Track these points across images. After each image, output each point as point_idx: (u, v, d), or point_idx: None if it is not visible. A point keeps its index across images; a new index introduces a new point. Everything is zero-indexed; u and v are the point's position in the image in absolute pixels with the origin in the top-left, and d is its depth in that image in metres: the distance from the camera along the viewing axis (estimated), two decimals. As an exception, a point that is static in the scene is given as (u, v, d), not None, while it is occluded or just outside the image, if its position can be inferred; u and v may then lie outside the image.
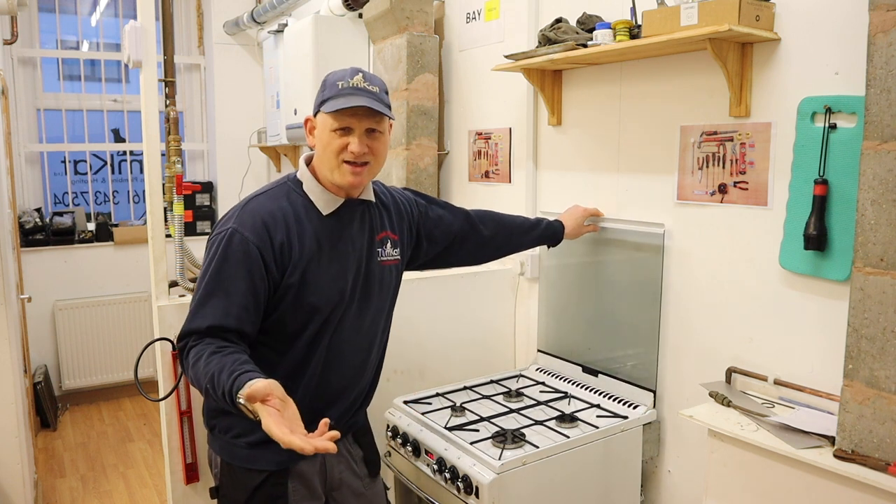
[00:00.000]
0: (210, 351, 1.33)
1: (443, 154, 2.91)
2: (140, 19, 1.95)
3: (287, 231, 1.44)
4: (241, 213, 1.46)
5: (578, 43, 1.97)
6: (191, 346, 1.38)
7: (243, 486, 1.51)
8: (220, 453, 1.56)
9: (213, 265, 1.41)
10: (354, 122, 1.43)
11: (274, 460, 1.50)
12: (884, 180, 1.28)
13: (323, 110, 1.44)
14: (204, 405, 1.62)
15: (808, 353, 1.64)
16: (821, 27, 1.56)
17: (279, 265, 1.43)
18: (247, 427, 1.48)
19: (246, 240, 1.41)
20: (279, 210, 1.46)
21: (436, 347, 2.34)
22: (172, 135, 2.37)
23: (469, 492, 1.67)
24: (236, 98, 4.57)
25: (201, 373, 1.31)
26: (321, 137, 1.47)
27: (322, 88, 1.47)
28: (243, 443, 1.51)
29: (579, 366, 2.22)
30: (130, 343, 4.30)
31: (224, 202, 4.65)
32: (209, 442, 1.61)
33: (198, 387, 1.34)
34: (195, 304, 1.41)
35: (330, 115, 1.43)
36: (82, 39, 4.56)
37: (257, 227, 1.42)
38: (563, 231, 2.05)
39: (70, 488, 3.27)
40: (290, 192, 1.51)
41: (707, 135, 1.82)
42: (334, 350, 1.53)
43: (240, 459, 1.52)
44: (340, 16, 3.21)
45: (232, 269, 1.40)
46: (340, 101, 1.42)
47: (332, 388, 1.56)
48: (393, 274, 1.66)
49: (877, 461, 1.32)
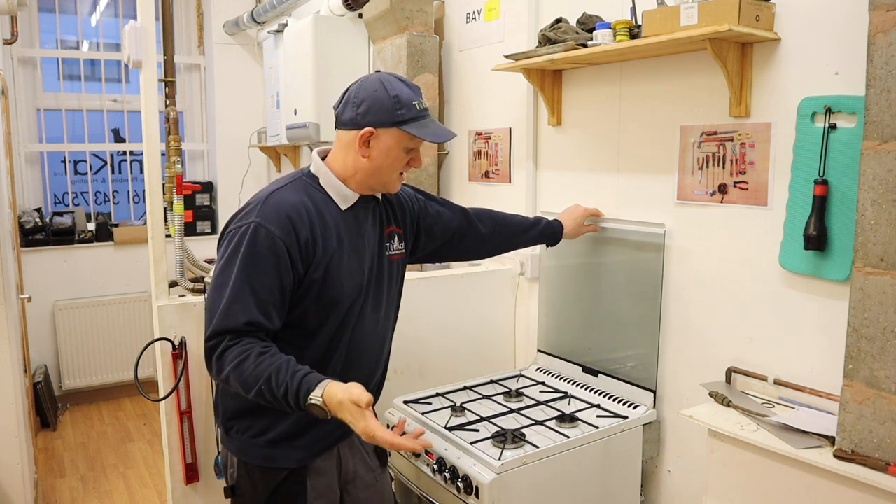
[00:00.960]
0: (257, 352, 1.34)
1: (443, 154, 2.91)
2: (140, 19, 1.96)
3: (311, 227, 1.44)
4: (264, 206, 1.43)
5: (578, 43, 1.97)
6: (228, 346, 1.35)
7: (263, 486, 1.52)
8: (238, 454, 1.55)
9: (239, 260, 1.39)
10: (420, 143, 1.51)
11: (294, 458, 1.52)
12: (884, 180, 1.28)
13: (412, 132, 1.45)
14: (220, 407, 1.59)
15: (808, 353, 1.64)
16: (821, 27, 1.56)
17: (304, 261, 1.43)
18: (265, 426, 1.50)
19: (272, 235, 1.39)
20: (302, 205, 1.45)
21: (436, 347, 2.34)
22: (172, 135, 2.37)
23: (469, 492, 1.67)
24: (236, 98, 4.57)
25: (250, 374, 1.32)
26: (388, 153, 1.47)
27: (396, 104, 1.45)
28: (262, 442, 1.51)
29: (579, 366, 2.22)
30: (130, 343, 4.30)
31: (224, 202, 4.65)
32: (224, 443, 1.60)
33: (243, 387, 1.34)
34: (226, 301, 1.37)
35: (408, 135, 1.46)
36: (82, 39, 4.56)
37: (283, 222, 1.41)
38: (562, 230, 2.05)
39: (70, 488, 3.27)
40: (307, 186, 1.51)
41: (707, 135, 1.82)
42: (354, 343, 1.54)
43: (259, 459, 1.52)
44: (340, 16, 3.21)
45: (260, 266, 1.38)
46: (430, 129, 1.48)
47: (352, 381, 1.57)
48: (400, 268, 1.69)
49: (877, 461, 1.32)
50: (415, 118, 1.46)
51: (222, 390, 1.59)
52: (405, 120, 1.45)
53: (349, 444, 1.62)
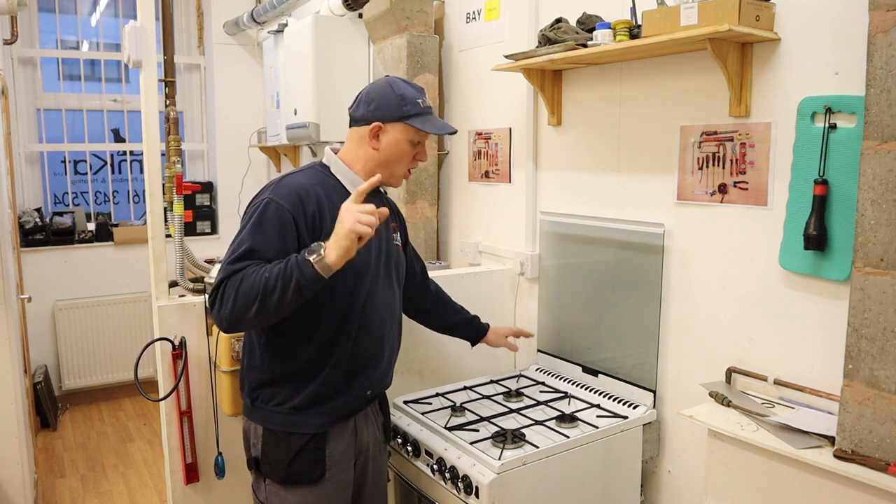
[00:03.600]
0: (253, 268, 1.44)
1: (443, 154, 2.91)
2: (140, 19, 1.96)
3: (318, 203, 1.56)
4: (277, 186, 1.58)
5: (578, 43, 1.97)
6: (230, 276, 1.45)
7: (286, 449, 1.60)
8: (262, 422, 1.63)
9: (249, 226, 1.52)
10: (425, 137, 1.67)
11: (315, 423, 1.61)
12: (884, 180, 1.28)
13: (416, 126, 1.61)
14: (245, 379, 1.68)
15: (808, 353, 1.64)
16: (821, 27, 1.56)
17: (311, 233, 1.54)
18: (287, 395, 1.61)
19: (281, 207, 1.52)
20: (311, 186, 1.59)
21: (436, 347, 2.34)
22: (172, 135, 2.37)
23: (469, 492, 1.67)
24: (236, 98, 4.57)
25: (250, 281, 1.42)
26: (396, 146, 1.63)
27: (402, 101, 1.62)
28: (285, 409, 1.61)
29: (579, 366, 2.22)
30: (130, 343, 4.30)
31: (224, 202, 4.65)
32: (248, 415, 1.68)
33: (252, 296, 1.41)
34: (230, 257, 1.49)
35: (414, 129, 1.62)
36: (82, 39, 4.56)
37: (292, 197, 1.54)
38: (485, 331, 2.09)
39: (70, 488, 3.27)
40: (319, 173, 1.65)
41: (707, 135, 1.82)
42: (365, 319, 1.64)
43: (283, 425, 1.61)
44: (340, 16, 3.21)
45: (267, 230, 1.50)
46: (432, 123, 1.64)
47: (364, 355, 1.66)
48: (402, 257, 1.82)
49: (877, 461, 1.32)
50: (419, 114, 1.63)
51: (248, 365, 1.67)
52: (410, 115, 1.62)
53: (364, 415, 1.72)
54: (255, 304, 1.41)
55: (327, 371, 1.60)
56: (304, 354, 1.59)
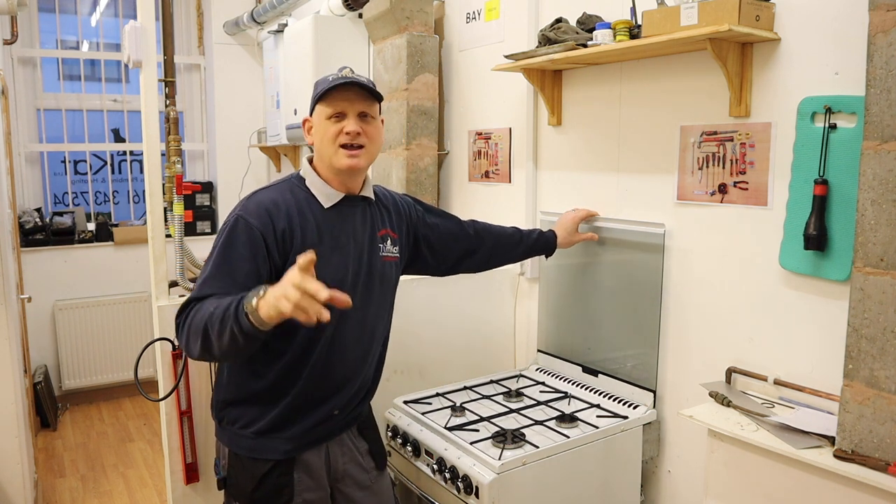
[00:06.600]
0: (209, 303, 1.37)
1: (443, 154, 2.91)
2: (140, 19, 1.96)
3: (289, 220, 1.51)
4: (247, 202, 1.53)
5: (578, 43, 1.97)
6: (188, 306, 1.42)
7: (250, 476, 1.55)
8: (228, 444, 1.59)
9: (218, 248, 1.48)
10: (347, 105, 1.52)
11: (280, 449, 1.54)
12: (884, 180, 1.28)
13: (320, 98, 1.53)
14: (214, 397, 1.64)
15: (808, 353, 1.64)
16: (821, 27, 1.56)
17: (281, 251, 1.49)
18: (253, 417, 1.54)
19: (249, 224, 1.47)
20: (283, 201, 1.53)
21: (436, 347, 2.34)
22: (172, 135, 2.37)
23: (469, 492, 1.67)
24: (236, 98, 4.57)
25: (199, 317, 1.35)
26: (318, 129, 1.56)
27: (314, 89, 1.56)
28: (250, 433, 1.55)
29: (579, 366, 2.22)
30: (130, 343, 4.30)
31: (224, 202, 4.64)
32: (217, 434, 1.64)
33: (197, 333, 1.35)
34: (200, 281, 1.46)
35: (323, 104, 1.53)
36: (82, 39, 4.56)
37: (261, 214, 1.49)
38: (555, 241, 2.06)
39: (70, 488, 3.27)
40: (293, 186, 1.58)
41: (707, 135, 1.82)
42: (338, 340, 1.57)
43: (246, 449, 1.56)
44: (340, 16, 3.21)
45: (237, 251, 1.46)
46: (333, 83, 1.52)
47: (336, 378, 1.59)
48: (393, 270, 1.71)
49: (877, 461, 1.32)
50: (325, 89, 1.52)
51: (217, 382, 1.63)
52: (319, 94, 1.54)
53: (338, 441, 1.64)
54: (199, 344, 1.36)
55: (295, 392, 1.53)
56: (271, 374, 1.53)
